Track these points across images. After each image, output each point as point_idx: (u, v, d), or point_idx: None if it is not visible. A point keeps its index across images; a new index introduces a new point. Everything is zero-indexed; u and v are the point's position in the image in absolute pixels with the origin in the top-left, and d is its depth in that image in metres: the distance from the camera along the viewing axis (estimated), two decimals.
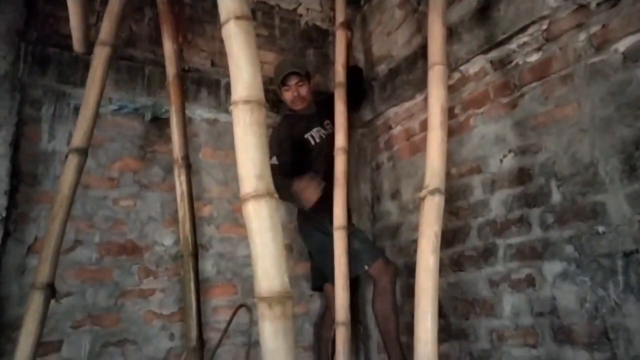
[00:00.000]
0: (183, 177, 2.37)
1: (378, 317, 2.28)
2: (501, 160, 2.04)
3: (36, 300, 1.62)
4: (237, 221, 2.66)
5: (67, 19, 2.30)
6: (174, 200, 2.43)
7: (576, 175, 1.73)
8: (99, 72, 1.93)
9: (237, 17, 1.55)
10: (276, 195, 1.47)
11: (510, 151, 2.01)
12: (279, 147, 2.43)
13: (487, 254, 2.06)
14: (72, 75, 2.41)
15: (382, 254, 2.45)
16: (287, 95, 2.57)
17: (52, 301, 1.90)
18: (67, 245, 2.24)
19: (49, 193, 2.24)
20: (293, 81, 2.54)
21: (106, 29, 2.00)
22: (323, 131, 2.60)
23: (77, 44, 2.40)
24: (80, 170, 1.83)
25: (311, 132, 2.57)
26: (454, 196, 2.26)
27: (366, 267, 2.27)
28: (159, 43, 2.62)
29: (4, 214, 2.10)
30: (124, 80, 2.54)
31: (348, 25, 2.85)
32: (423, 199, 1.56)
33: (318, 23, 3.28)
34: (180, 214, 2.33)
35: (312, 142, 2.55)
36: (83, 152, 1.85)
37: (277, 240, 1.42)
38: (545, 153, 1.86)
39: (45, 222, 2.18)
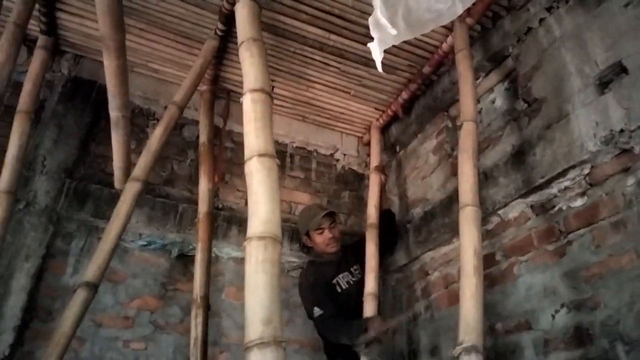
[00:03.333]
0: (199, 319, 2.21)
1: None
2: (553, 316, 1.77)
3: None
4: None
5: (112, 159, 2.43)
6: (188, 346, 2.23)
7: None
8: (125, 206, 1.95)
9: (261, 155, 1.56)
10: (284, 344, 1.28)
11: (562, 305, 1.75)
12: (314, 294, 2.29)
13: None
14: (107, 210, 2.44)
15: None
16: (321, 239, 2.44)
17: None
18: None
19: None
20: (327, 223, 2.46)
21: (141, 165, 2.07)
22: (351, 277, 2.44)
23: (118, 182, 2.49)
24: (86, 306, 1.72)
25: (338, 277, 2.41)
26: (500, 356, 1.94)
27: None
28: (196, 183, 2.70)
29: (6, 353, 1.98)
30: (157, 216, 2.56)
31: (382, 169, 2.88)
32: (457, 358, 1.31)
33: (354, 167, 3.34)
34: None
35: (340, 289, 2.38)
36: (93, 287, 1.77)
37: None
38: (605, 310, 1.59)
39: None
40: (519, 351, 1.89)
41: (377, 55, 1.48)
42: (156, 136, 2.16)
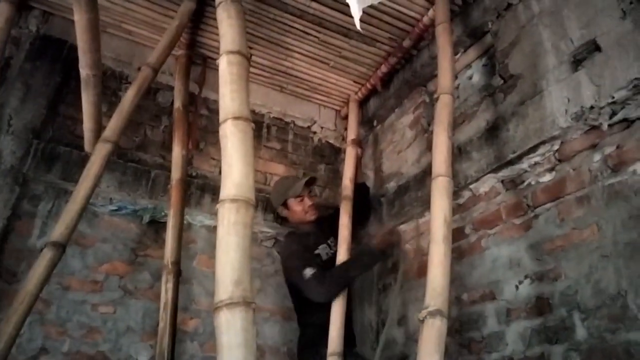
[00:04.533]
0: (170, 285, 2.20)
1: None
2: (517, 287, 1.83)
3: None
4: None
5: (82, 121, 2.36)
6: (158, 311, 2.23)
7: (602, 308, 1.50)
8: (95, 167, 1.91)
9: (235, 117, 1.54)
10: (254, 305, 1.29)
11: (526, 277, 1.81)
12: (302, 258, 2.20)
13: None
14: (76, 173, 2.35)
15: None
16: (300, 206, 2.41)
17: None
18: (30, 353, 2.05)
19: None
20: (305, 191, 2.44)
21: (112, 127, 2.03)
22: (329, 249, 2.43)
23: (88, 144, 2.42)
24: (52, 266, 1.70)
25: (319, 248, 2.40)
26: (465, 325, 2.01)
27: None
28: (169, 149, 2.65)
29: None
30: (128, 182, 2.51)
31: (359, 142, 2.89)
32: (422, 321, 1.35)
33: (331, 141, 3.33)
34: (161, 325, 2.12)
35: (321, 260, 2.35)
36: (60, 247, 1.73)
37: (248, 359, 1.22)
38: (565, 280, 1.65)
39: None
40: (482, 320, 1.95)
41: (356, 12, 1.46)
42: (128, 97, 2.10)
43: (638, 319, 1.40)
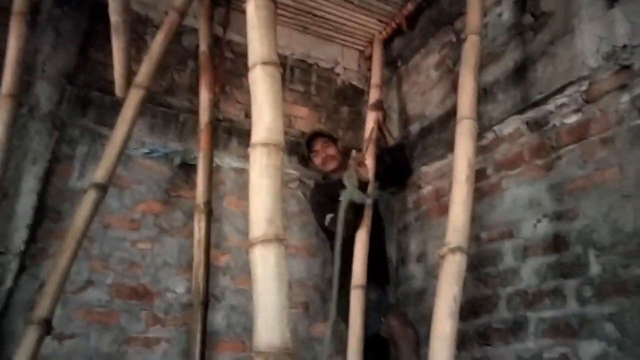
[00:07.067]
0: (202, 223, 2.34)
1: None
2: (535, 225, 1.89)
3: (30, 336, 1.55)
4: None
5: (113, 67, 2.41)
6: (192, 247, 2.38)
7: (617, 245, 1.56)
8: (129, 112, 1.98)
9: (264, 63, 1.57)
10: (285, 242, 1.39)
11: (544, 216, 1.86)
12: (324, 207, 2.35)
13: (516, 328, 1.86)
14: (110, 118, 2.47)
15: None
16: (318, 160, 2.54)
17: (55, 343, 1.84)
18: (79, 284, 2.22)
19: None
20: (319, 144, 2.54)
21: (143, 72, 2.08)
22: None
23: (119, 89, 2.49)
24: (96, 206, 1.82)
25: None
26: (482, 262, 2.10)
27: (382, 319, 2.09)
28: (196, 93, 2.71)
29: (22, 248, 2.11)
30: (158, 125, 2.60)
31: (380, 104, 2.74)
32: (443, 257, 1.44)
33: (354, 82, 3.32)
34: (195, 260, 2.28)
35: None
36: (102, 189, 1.85)
37: (281, 290, 1.33)
38: (583, 219, 1.70)
39: None
40: (499, 257, 2.04)
41: None
42: (157, 42, 2.14)
43: None
